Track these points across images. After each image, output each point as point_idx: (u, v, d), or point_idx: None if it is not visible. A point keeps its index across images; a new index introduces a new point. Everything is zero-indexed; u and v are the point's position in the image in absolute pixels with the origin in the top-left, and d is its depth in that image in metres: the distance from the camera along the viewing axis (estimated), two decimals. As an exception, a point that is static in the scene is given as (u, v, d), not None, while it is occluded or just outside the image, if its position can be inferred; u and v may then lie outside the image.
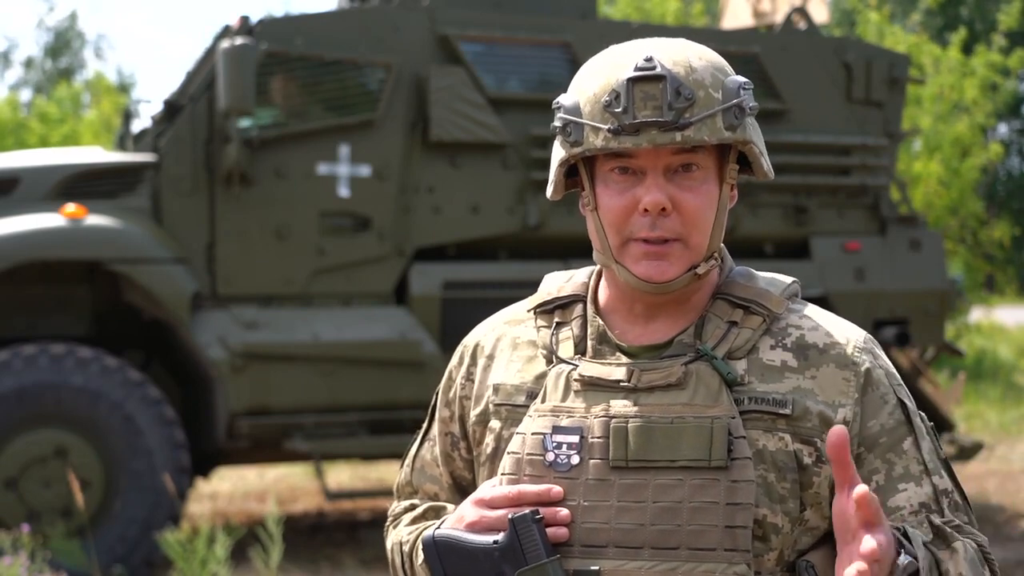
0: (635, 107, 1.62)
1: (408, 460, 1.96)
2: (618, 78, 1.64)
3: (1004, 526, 7.92)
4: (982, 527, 1.75)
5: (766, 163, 1.72)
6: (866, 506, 1.48)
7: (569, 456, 1.66)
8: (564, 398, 1.70)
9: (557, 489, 1.65)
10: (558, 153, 1.72)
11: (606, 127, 1.64)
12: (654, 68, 1.63)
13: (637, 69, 1.64)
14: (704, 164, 1.67)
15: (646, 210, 1.65)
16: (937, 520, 1.65)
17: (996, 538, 7.43)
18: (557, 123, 1.70)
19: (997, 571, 1.70)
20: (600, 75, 1.67)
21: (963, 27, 16.90)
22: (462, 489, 1.88)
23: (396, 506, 1.95)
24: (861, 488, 1.47)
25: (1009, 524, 7.97)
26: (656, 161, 1.65)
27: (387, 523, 1.95)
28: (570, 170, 1.76)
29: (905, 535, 1.58)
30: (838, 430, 1.51)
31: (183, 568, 5.56)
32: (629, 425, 1.65)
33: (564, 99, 1.71)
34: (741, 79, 1.69)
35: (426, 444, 1.93)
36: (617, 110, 1.63)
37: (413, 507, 1.93)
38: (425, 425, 1.94)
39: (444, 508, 1.86)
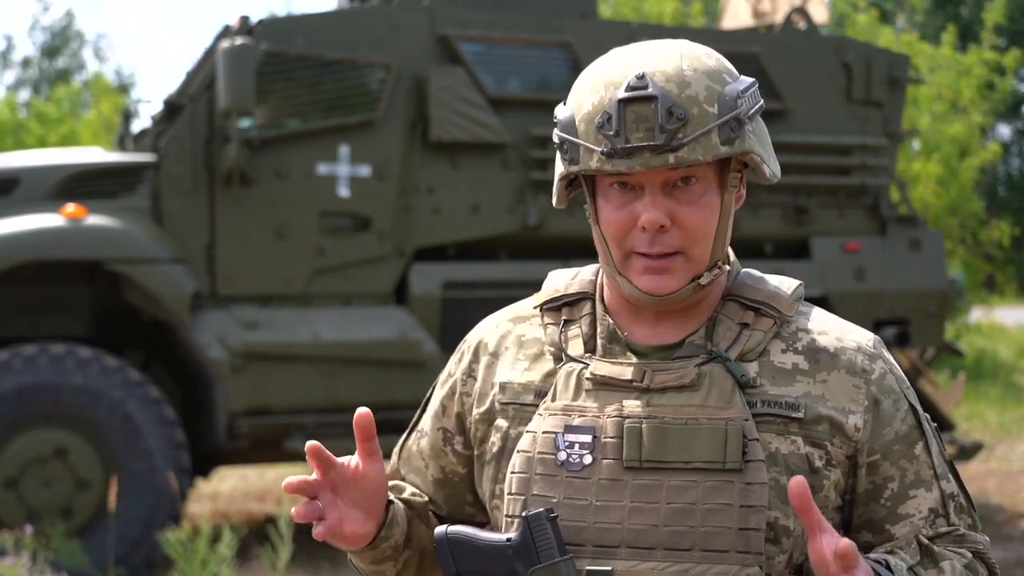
0: (627, 130, 1.60)
1: (397, 449, 1.97)
2: (610, 98, 1.62)
3: (1004, 526, 7.91)
4: (982, 527, 1.76)
5: (768, 169, 1.69)
6: (848, 558, 1.50)
7: (581, 456, 1.65)
8: (576, 397, 1.69)
9: None
10: (559, 166, 1.72)
11: (599, 149, 1.62)
12: (645, 88, 1.60)
13: (628, 89, 1.61)
14: (703, 175, 1.65)
15: (644, 227, 1.64)
16: (925, 538, 1.67)
17: (996, 538, 7.43)
18: (555, 139, 1.69)
19: (997, 573, 1.72)
20: (594, 92, 1.65)
21: (956, 25, 16.88)
22: (452, 484, 1.87)
23: None
24: (843, 544, 1.49)
25: (1009, 524, 7.97)
26: (654, 178, 1.64)
27: None
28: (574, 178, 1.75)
29: (888, 567, 1.59)
30: (798, 480, 1.53)
31: (184, 568, 5.56)
32: (643, 426, 1.64)
33: (561, 113, 1.69)
34: (742, 85, 1.65)
35: (414, 435, 1.93)
36: (609, 133, 1.61)
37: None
38: (416, 416, 1.93)
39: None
